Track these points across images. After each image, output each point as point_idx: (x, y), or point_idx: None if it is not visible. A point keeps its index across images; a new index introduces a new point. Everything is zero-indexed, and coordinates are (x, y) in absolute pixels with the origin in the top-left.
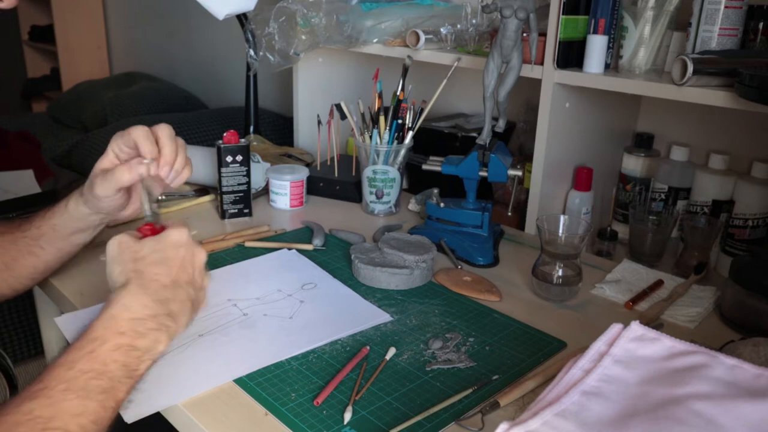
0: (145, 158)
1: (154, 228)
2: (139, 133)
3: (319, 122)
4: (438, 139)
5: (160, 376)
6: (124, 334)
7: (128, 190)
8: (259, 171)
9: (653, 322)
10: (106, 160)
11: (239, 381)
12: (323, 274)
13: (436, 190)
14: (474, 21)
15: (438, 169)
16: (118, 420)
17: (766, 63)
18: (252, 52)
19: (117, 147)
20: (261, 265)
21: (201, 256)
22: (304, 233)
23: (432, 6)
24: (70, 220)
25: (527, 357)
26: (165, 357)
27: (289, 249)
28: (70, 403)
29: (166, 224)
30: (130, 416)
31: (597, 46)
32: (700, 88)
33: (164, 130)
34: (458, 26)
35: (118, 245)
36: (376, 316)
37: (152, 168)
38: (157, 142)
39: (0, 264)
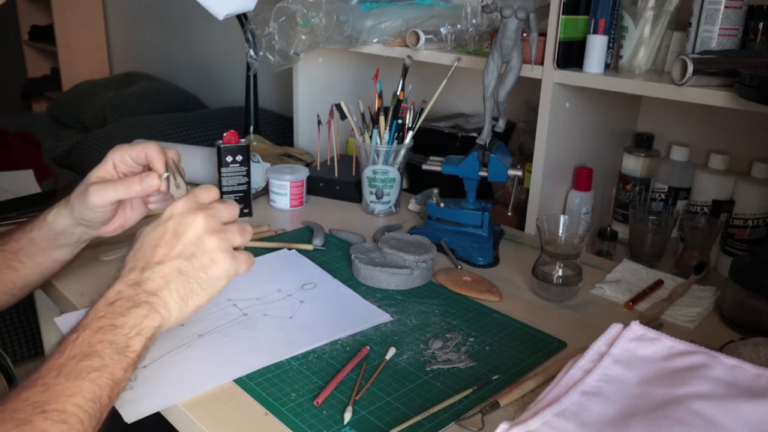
0: (160, 172)
1: None
2: (154, 149)
3: (319, 122)
4: (438, 139)
5: (160, 376)
6: (103, 317)
7: (118, 205)
8: (259, 171)
9: (653, 322)
10: (104, 170)
11: (239, 381)
12: (323, 274)
13: (436, 190)
14: (474, 21)
15: (438, 169)
16: (118, 420)
17: (766, 63)
18: (252, 52)
19: (119, 158)
20: (261, 265)
21: (193, 225)
22: (304, 233)
23: (432, 6)
24: (49, 233)
25: (527, 357)
26: (165, 357)
27: (289, 249)
28: (63, 386)
29: None
30: (130, 416)
31: (597, 46)
32: (700, 88)
33: (176, 155)
34: (458, 26)
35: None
36: (376, 316)
37: (163, 185)
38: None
39: None
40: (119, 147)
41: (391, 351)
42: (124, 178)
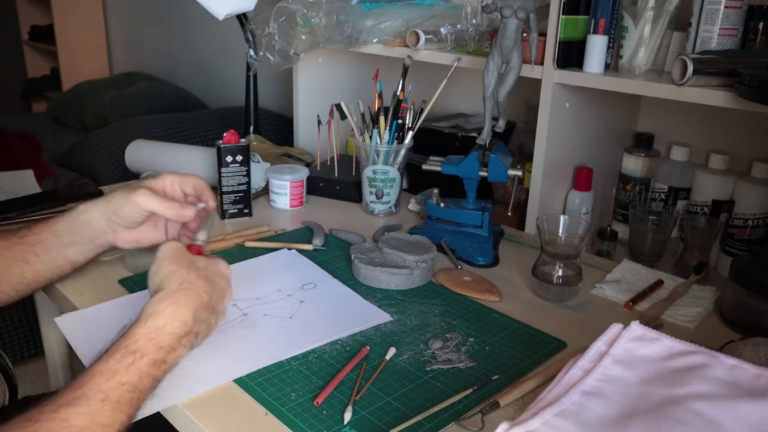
0: (199, 204)
1: (200, 251)
2: (203, 184)
3: (319, 122)
4: (438, 139)
5: None
6: (162, 349)
7: (149, 218)
8: (259, 171)
9: (653, 322)
10: (157, 184)
11: (239, 381)
12: (323, 274)
13: (436, 190)
14: (474, 21)
15: (438, 169)
16: None
17: (766, 63)
18: (252, 52)
19: (170, 182)
20: (261, 265)
21: (230, 297)
22: (304, 233)
23: (432, 6)
24: (75, 223)
25: (527, 357)
26: None
27: (289, 249)
28: (104, 414)
29: (209, 255)
30: None
31: (597, 46)
32: (700, 88)
33: (213, 200)
34: (458, 26)
35: (175, 248)
36: (376, 316)
37: (192, 212)
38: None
39: None
40: (176, 174)
41: (391, 351)
42: (174, 203)
